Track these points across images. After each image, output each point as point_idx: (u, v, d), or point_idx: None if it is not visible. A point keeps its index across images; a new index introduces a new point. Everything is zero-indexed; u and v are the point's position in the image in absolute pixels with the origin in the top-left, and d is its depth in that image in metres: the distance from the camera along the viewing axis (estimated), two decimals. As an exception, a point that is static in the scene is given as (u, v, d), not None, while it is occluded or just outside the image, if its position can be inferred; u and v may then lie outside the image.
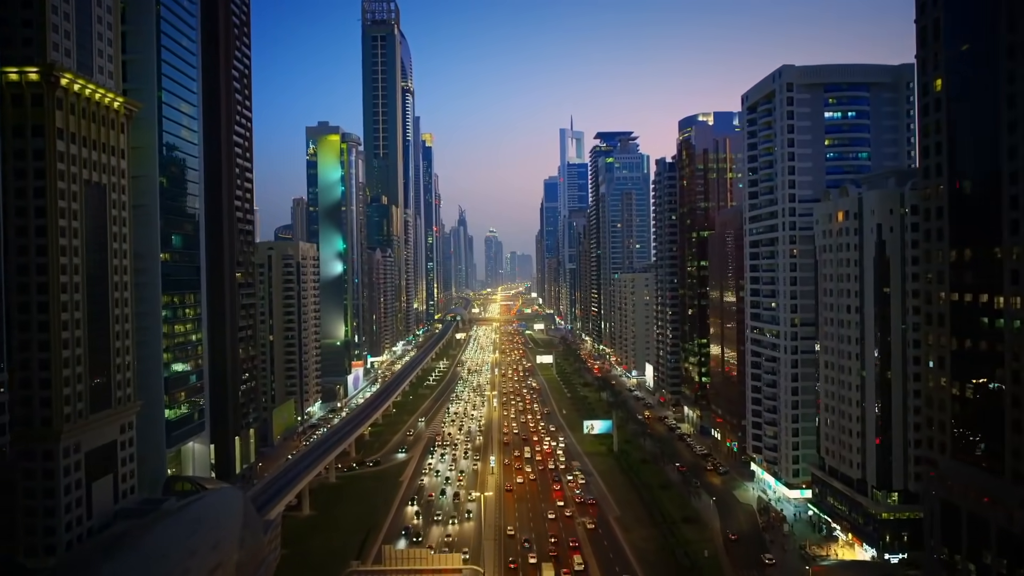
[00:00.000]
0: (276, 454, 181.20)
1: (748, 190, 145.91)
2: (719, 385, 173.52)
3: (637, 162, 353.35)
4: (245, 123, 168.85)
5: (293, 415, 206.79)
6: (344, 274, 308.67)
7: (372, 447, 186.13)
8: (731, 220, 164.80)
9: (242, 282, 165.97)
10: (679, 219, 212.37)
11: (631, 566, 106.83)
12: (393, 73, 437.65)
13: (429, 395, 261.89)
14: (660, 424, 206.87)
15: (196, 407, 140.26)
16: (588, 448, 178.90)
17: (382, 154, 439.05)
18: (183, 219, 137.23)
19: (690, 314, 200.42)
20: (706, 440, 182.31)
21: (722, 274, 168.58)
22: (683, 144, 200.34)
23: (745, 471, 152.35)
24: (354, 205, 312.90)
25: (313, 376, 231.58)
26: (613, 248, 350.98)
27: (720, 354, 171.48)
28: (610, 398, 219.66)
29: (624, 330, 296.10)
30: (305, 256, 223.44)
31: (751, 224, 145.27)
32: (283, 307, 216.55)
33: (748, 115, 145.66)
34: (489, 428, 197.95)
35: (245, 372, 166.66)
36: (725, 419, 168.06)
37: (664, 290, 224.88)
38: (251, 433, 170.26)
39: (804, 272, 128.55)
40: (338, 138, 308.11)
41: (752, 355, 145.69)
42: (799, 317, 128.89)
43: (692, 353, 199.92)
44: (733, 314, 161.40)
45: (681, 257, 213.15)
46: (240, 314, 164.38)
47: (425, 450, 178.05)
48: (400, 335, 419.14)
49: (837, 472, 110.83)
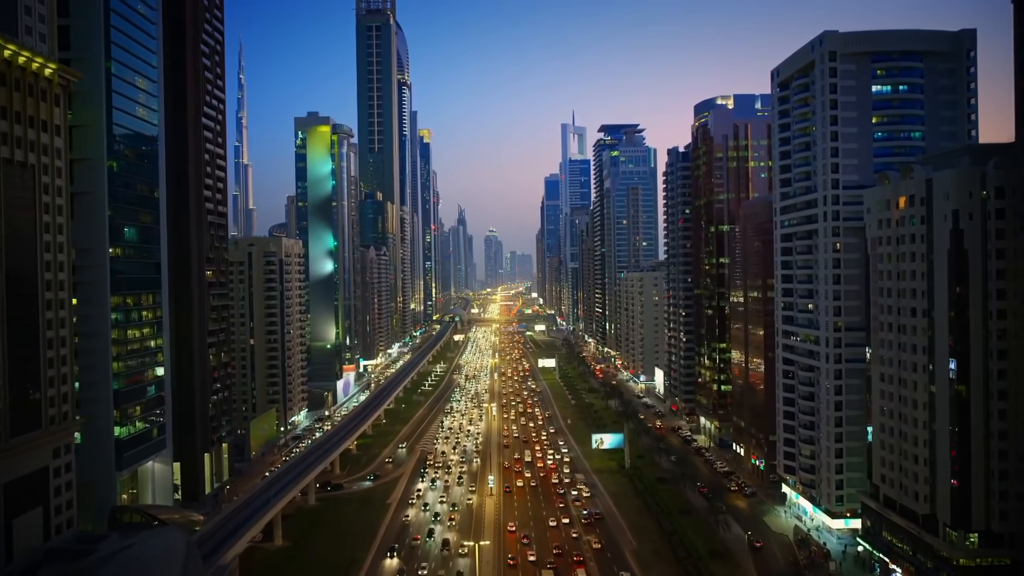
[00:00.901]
0: (253, 470, 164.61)
1: (779, 177, 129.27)
2: (742, 395, 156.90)
3: (644, 155, 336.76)
4: (217, 104, 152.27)
5: (275, 426, 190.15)
6: (335, 273, 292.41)
7: (359, 462, 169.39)
8: (757, 212, 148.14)
9: (213, 280, 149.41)
10: (694, 212, 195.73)
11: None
12: (388, 65, 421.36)
13: (424, 402, 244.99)
14: (674, 436, 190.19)
15: (155, 422, 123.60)
16: (596, 464, 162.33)
17: (377, 149, 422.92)
18: (139, 209, 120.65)
19: (708, 316, 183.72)
20: (726, 455, 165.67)
21: (746, 272, 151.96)
22: (699, 130, 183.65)
23: (775, 493, 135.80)
24: (345, 200, 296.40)
25: (299, 383, 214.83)
26: (618, 246, 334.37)
27: (743, 361, 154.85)
28: (619, 407, 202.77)
29: (631, 332, 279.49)
30: (289, 253, 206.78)
31: (783, 216, 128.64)
32: (265, 308, 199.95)
33: (779, 92, 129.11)
34: (487, 445, 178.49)
35: (217, 381, 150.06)
36: (749, 433, 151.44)
37: (677, 290, 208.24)
38: (224, 448, 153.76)
39: (850, 269, 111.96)
40: (328, 129, 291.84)
41: (784, 363, 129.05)
42: (843, 320, 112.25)
43: (709, 359, 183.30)
44: (760, 317, 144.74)
45: (696, 254, 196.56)
46: (211, 316, 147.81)
47: (416, 469, 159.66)
48: (396, 337, 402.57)
49: (896, 504, 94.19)
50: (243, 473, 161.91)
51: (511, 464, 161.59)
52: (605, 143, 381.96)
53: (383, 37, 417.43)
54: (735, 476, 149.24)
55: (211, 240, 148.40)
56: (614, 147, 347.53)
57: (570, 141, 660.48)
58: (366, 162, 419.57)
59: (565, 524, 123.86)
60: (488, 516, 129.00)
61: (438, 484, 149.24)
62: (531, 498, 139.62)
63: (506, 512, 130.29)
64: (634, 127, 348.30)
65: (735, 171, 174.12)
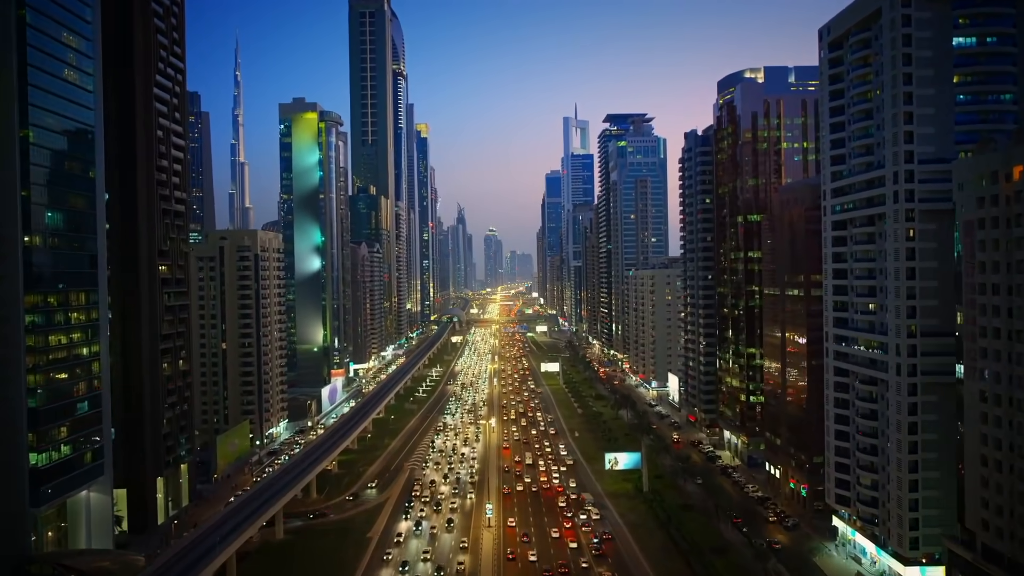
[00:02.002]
0: (220, 493, 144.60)
1: (830, 154, 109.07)
2: (777, 408, 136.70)
3: (653, 146, 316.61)
4: (173, 74, 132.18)
5: (247, 440, 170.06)
6: (323, 270, 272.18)
7: (340, 483, 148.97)
8: (797, 197, 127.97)
9: (168, 277, 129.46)
10: (715, 202, 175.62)
11: None
12: (383, 53, 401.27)
13: (417, 411, 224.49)
14: (694, 451, 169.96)
15: (89, 445, 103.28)
16: (609, 486, 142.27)
17: (371, 141, 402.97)
18: (67, 190, 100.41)
19: (733, 317, 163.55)
20: (757, 475, 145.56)
21: (783, 267, 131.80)
22: (724, 108, 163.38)
23: (822, 525, 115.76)
24: (334, 193, 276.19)
25: (277, 390, 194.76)
26: (626, 242, 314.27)
27: (779, 369, 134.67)
28: (632, 419, 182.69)
29: (640, 334, 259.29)
30: (266, 247, 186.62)
31: (835, 199, 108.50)
32: (238, 309, 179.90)
33: (830, 53, 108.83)
34: (484, 470, 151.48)
35: (172, 393, 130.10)
36: (786, 452, 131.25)
37: (696, 288, 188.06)
38: (183, 470, 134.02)
39: (927, 261, 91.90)
40: (315, 116, 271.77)
41: (835, 373, 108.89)
42: (919, 324, 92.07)
43: (735, 365, 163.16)
44: (801, 318, 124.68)
45: (717, 248, 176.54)
46: (165, 318, 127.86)
47: (402, 496, 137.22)
48: (390, 339, 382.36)
49: (1004, 558, 74.02)
50: (207, 497, 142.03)
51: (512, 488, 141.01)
52: (611, 133, 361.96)
53: (377, 24, 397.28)
54: (772, 503, 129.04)
55: (166, 230, 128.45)
56: (621, 137, 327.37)
57: (572, 135, 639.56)
58: (359, 155, 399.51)
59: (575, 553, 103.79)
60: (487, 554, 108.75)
61: (423, 528, 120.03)
62: (536, 534, 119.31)
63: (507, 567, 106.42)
64: (642, 116, 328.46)
65: (765, 154, 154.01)
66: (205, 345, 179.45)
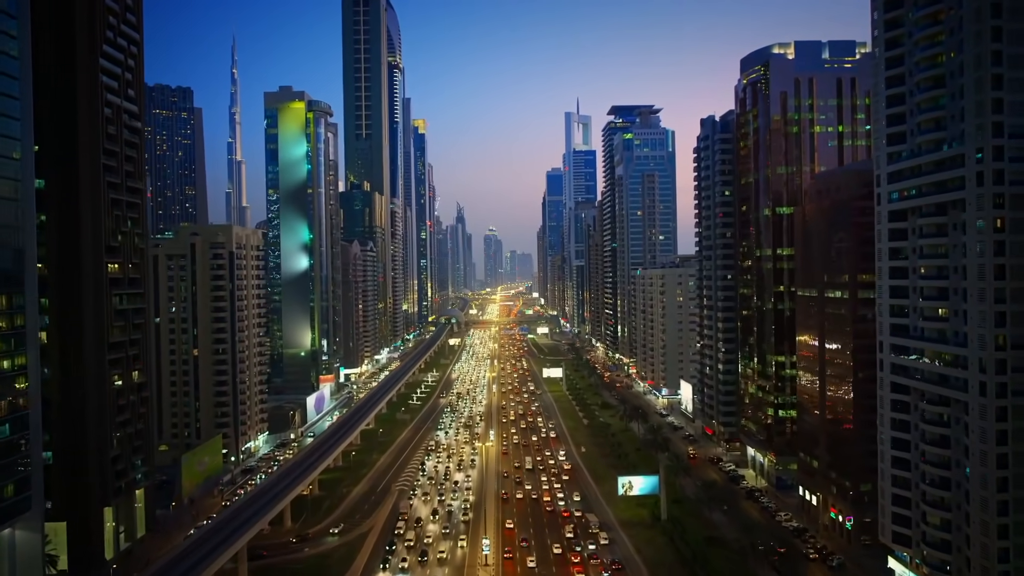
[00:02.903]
0: (183, 519, 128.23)
1: (887, 131, 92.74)
2: (814, 425, 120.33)
3: (660, 139, 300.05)
4: (126, 45, 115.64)
5: (219, 457, 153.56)
6: (311, 269, 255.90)
7: (319, 509, 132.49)
8: (839, 185, 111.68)
9: (119, 277, 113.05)
10: (737, 193, 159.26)
11: None
12: (378, 44, 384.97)
13: (410, 421, 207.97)
14: (713, 469, 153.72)
15: (9, 476, 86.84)
16: (622, 512, 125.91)
17: (365, 135, 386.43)
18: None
19: (758, 321, 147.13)
20: (789, 500, 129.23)
21: (822, 265, 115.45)
22: (749, 89, 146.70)
23: (873, 565, 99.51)
24: (323, 187, 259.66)
25: (256, 400, 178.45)
26: (632, 240, 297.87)
27: (816, 381, 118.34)
28: (645, 433, 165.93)
29: (649, 338, 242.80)
30: (243, 244, 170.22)
31: (893, 185, 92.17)
32: (212, 312, 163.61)
33: (887, 13, 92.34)
34: (480, 503, 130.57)
35: (124, 409, 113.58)
36: (826, 477, 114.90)
37: (714, 289, 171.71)
38: (138, 495, 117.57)
39: (1019, 257, 75.49)
40: (303, 106, 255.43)
41: (893, 390, 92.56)
42: (1008, 334, 75.69)
43: (760, 375, 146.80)
44: (845, 323, 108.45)
45: (738, 244, 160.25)
46: (115, 324, 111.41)
47: (384, 538, 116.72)
48: (385, 341, 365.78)
49: None
50: (169, 525, 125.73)
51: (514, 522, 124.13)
52: (616, 126, 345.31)
53: (372, 13, 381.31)
54: (810, 536, 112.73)
55: (116, 223, 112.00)
56: (626, 130, 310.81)
57: (574, 130, 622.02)
58: (352, 149, 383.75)
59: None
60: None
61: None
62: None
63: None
64: (649, 107, 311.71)
65: (796, 138, 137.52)
66: (175, 352, 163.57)
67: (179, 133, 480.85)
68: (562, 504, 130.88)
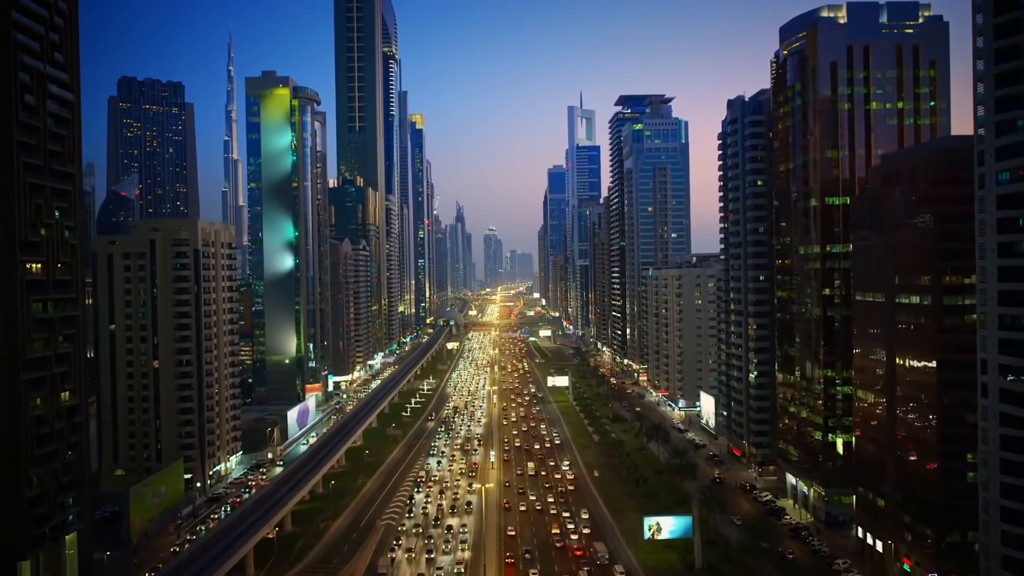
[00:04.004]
0: (127, 565, 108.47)
1: (995, 94, 73.11)
2: (879, 456, 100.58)
3: (673, 129, 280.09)
4: (53, 1, 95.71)
5: (180, 484, 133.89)
6: (296, 270, 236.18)
7: (290, 552, 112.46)
8: (919, 166, 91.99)
9: (41, 279, 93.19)
10: (773, 182, 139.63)
11: None
12: (372, 33, 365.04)
13: (402, 438, 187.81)
14: (746, 498, 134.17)
15: None
16: (646, 556, 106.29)
17: (358, 128, 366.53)
18: None
19: (802, 328, 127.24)
20: (842, 540, 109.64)
21: (894, 265, 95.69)
22: (790, 60, 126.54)
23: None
24: (309, 181, 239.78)
25: (227, 417, 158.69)
26: (643, 238, 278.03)
27: (883, 402, 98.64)
28: (670, 458, 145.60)
29: (663, 343, 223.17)
30: (210, 240, 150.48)
31: (1002, 162, 72.61)
32: (174, 318, 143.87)
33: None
34: (479, 558, 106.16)
35: (48, 440, 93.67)
36: (897, 521, 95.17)
37: (743, 291, 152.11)
38: (70, 540, 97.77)
39: None
40: (287, 92, 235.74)
41: (1003, 423, 72.85)
42: None
43: (804, 390, 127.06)
44: (925, 335, 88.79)
45: (773, 241, 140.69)
46: (34, 336, 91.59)
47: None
48: (380, 345, 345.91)
49: None
50: (111, 572, 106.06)
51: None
52: (624, 117, 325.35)
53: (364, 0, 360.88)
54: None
55: (36, 213, 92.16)
56: (636, 120, 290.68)
57: (577, 125, 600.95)
58: (345, 142, 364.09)
59: None
60: None
61: None
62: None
63: None
64: (660, 96, 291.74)
65: (849, 116, 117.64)
66: (133, 364, 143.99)
67: (170, 129, 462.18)
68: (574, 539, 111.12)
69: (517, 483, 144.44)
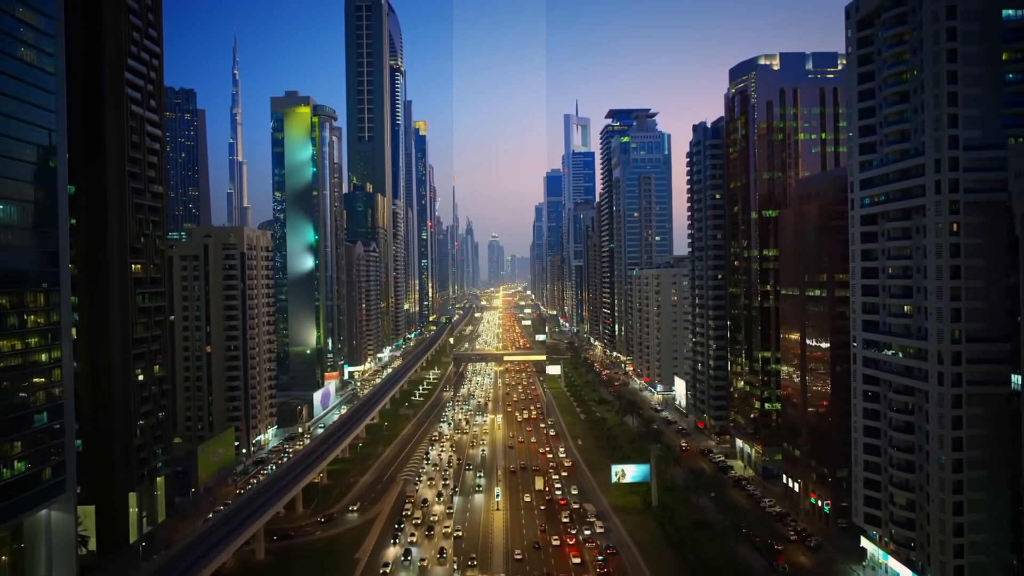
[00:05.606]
0: (199, 506, 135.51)
1: (859, 142, 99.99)
2: (796, 416, 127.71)
3: (657, 142, 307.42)
4: (148, 59, 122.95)
5: (232, 449, 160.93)
6: (316, 270, 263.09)
7: (329, 496, 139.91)
8: (819, 190, 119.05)
9: (142, 276, 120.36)
10: (727, 197, 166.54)
11: None
12: (380, 48, 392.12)
13: (413, 416, 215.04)
14: (704, 460, 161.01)
15: (47, 460, 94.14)
16: (615, 499, 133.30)
17: (367, 138, 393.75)
18: (22, 181, 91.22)
19: (746, 319, 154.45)
20: (774, 488, 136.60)
21: (803, 265, 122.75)
22: (737, 98, 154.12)
23: (848, 545, 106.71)
24: (328, 189, 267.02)
25: (266, 395, 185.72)
26: (629, 241, 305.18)
27: (797, 374, 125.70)
28: (639, 426, 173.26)
29: (645, 336, 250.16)
30: (253, 245, 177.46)
31: (864, 191, 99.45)
32: (224, 310, 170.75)
33: (859, 32, 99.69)
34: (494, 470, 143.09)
35: (147, 401, 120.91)
36: (806, 464, 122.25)
37: (705, 288, 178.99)
38: (159, 483, 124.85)
39: (973, 258, 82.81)
40: (308, 110, 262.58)
41: (865, 381, 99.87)
42: (964, 328, 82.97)
43: (747, 370, 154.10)
44: (824, 320, 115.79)
45: (728, 246, 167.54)
46: (139, 321, 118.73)
47: (392, 518, 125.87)
48: (387, 340, 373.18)
49: (1072, 595, 64.93)
50: (186, 511, 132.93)
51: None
52: (613, 129, 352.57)
53: (374, 18, 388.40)
54: (791, 520, 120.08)
55: (139, 226, 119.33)
56: (623, 133, 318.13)
57: (573, 132, 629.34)
58: (355, 151, 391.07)
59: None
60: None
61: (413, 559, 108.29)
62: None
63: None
64: (646, 111, 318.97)
65: (782, 145, 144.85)
66: (189, 348, 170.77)
67: (182, 135, 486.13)
68: (559, 493, 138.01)
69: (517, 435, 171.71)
